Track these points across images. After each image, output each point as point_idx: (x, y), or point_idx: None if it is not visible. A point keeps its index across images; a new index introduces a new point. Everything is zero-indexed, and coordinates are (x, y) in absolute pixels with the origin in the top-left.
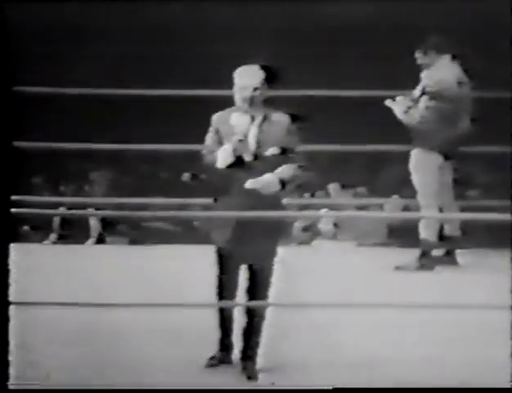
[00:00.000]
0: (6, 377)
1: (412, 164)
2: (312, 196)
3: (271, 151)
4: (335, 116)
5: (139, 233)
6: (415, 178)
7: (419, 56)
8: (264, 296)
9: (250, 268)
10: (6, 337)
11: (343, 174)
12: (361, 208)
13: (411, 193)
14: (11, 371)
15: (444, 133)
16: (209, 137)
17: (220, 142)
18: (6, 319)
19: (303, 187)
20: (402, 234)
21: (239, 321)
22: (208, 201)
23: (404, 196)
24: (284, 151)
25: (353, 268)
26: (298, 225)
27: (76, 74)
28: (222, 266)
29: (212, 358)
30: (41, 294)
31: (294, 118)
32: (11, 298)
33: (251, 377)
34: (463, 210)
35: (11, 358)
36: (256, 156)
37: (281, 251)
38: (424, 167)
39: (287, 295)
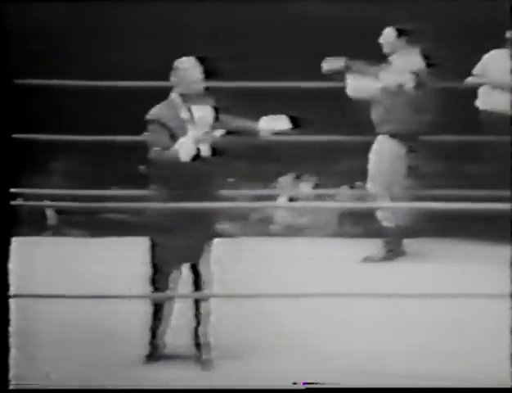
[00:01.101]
0: (6, 377)
1: (373, 151)
2: (268, 186)
3: (220, 132)
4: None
5: (97, 225)
6: (373, 165)
7: (385, 42)
8: (207, 287)
9: (190, 260)
10: (6, 338)
11: (298, 165)
12: (314, 198)
13: (364, 184)
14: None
15: (407, 122)
16: (156, 132)
17: (173, 136)
18: (7, 312)
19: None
20: (353, 224)
21: (185, 314)
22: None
23: (355, 187)
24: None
25: (307, 259)
26: (254, 216)
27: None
28: (157, 259)
29: (150, 354)
30: None
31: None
32: None
33: (206, 367)
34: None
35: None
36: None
37: (235, 242)
38: (384, 155)
39: (238, 284)
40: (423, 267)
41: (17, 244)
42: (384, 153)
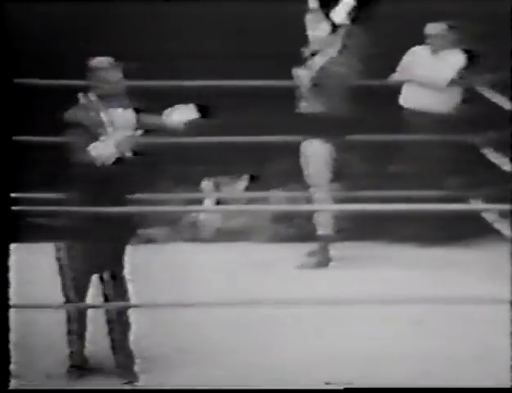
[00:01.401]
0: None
1: (305, 154)
2: (198, 189)
3: (139, 132)
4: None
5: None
6: (309, 169)
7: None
8: (124, 298)
9: (109, 267)
10: (6, 338)
11: (229, 166)
12: (245, 201)
13: (298, 186)
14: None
15: (332, 119)
16: (75, 134)
17: (95, 138)
18: (7, 320)
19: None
20: (286, 228)
21: (104, 324)
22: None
23: (290, 189)
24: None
25: (238, 265)
26: (182, 221)
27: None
28: (74, 265)
29: (71, 366)
30: None
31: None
32: None
33: (130, 380)
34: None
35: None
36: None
37: (160, 248)
38: (317, 157)
39: (162, 293)
40: (353, 273)
41: None
42: (312, 155)
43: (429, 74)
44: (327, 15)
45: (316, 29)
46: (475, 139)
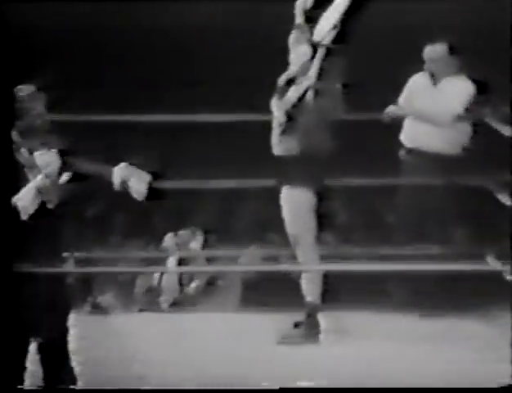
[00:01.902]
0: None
1: (284, 205)
2: (158, 246)
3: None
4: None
5: None
6: (289, 222)
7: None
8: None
9: (40, 337)
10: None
11: (193, 217)
12: (210, 260)
13: (275, 240)
14: None
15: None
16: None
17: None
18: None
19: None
20: (263, 294)
21: None
22: None
23: (266, 246)
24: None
25: (201, 339)
26: (140, 285)
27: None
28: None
29: None
30: None
31: None
32: None
33: None
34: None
35: None
36: None
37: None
38: (300, 207)
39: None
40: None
41: None
42: (298, 206)
43: (431, 108)
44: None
45: (297, 50)
46: (487, 182)
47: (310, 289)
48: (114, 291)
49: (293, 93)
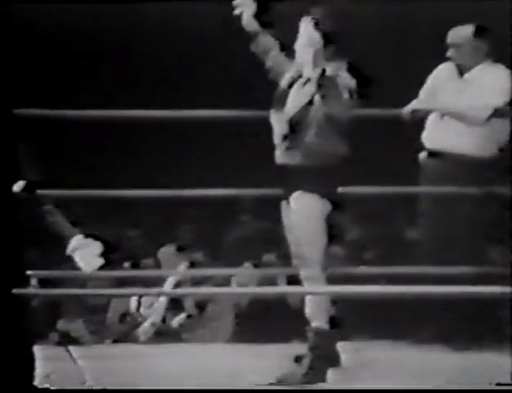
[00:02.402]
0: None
1: (290, 215)
2: (135, 266)
3: None
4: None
5: None
6: (296, 235)
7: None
8: None
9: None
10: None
11: (177, 233)
12: (198, 282)
13: (273, 259)
14: None
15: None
16: None
17: None
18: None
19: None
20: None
21: None
22: None
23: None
24: None
25: (184, 376)
26: (113, 311)
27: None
28: None
29: None
30: None
31: None
32: None
33: None
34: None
35: None
36: None
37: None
38: (309, 218)
39: None
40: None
41: None
42: (307, 217)
43: (460, 102)
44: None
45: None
46: None
47: (316, 313)
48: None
49: (294, 101)
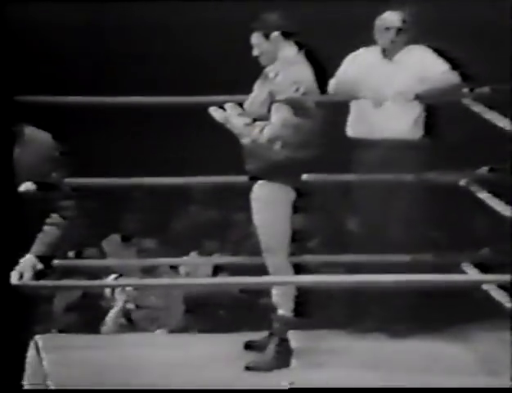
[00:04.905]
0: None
1: (255, 203)
2: (79, 255)
3: None
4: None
5: None
6: (259, 224)
7: (256, 41)
8: None
9: None
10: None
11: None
12: (147, 271)
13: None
14: None
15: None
16: None
17: None
18: None
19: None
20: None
21: None
22: None
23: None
24: None
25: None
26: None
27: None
28: None
29: None
30: None
31: None
32: None
33: None
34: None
35: None
36: None
37: None
38: (274, 207)
39: None
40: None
41: None
42: (272, 205)
43: (384, 85)
44: None
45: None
46: (462, 177)
47: (282, 301)
48: None
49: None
